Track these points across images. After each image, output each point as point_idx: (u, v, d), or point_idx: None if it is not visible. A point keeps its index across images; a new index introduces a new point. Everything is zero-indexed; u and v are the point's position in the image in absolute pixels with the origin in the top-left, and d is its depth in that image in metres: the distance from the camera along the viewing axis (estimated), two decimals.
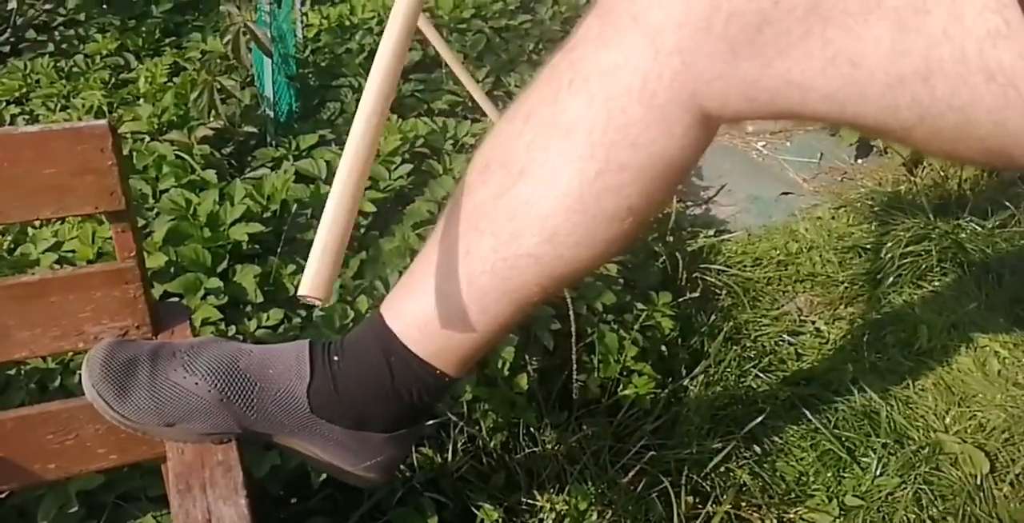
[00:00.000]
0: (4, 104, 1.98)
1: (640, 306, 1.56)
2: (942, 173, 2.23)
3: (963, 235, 1.98)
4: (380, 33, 2.27)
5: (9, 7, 2.29)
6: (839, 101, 0.53)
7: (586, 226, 0.63)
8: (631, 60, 0.58)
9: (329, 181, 1.60)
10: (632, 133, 0.59)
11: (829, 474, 1.46)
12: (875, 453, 1.49)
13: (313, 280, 0.58)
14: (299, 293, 0.58)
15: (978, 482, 1.42)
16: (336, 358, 0.74)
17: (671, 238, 1.89)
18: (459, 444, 1.28)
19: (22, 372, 1.14)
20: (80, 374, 0.76)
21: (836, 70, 0.52)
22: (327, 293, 0.59)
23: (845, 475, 1.46)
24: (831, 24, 0.51)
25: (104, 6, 2.41)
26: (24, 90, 2.01)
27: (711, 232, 2.07)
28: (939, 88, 0.49)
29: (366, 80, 0.65)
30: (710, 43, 0.55)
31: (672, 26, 0.56)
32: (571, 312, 1.36)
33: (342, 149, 0.65)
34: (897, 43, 0.49)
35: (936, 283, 1.90)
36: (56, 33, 2.30)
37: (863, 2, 0.49)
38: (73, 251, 1.34)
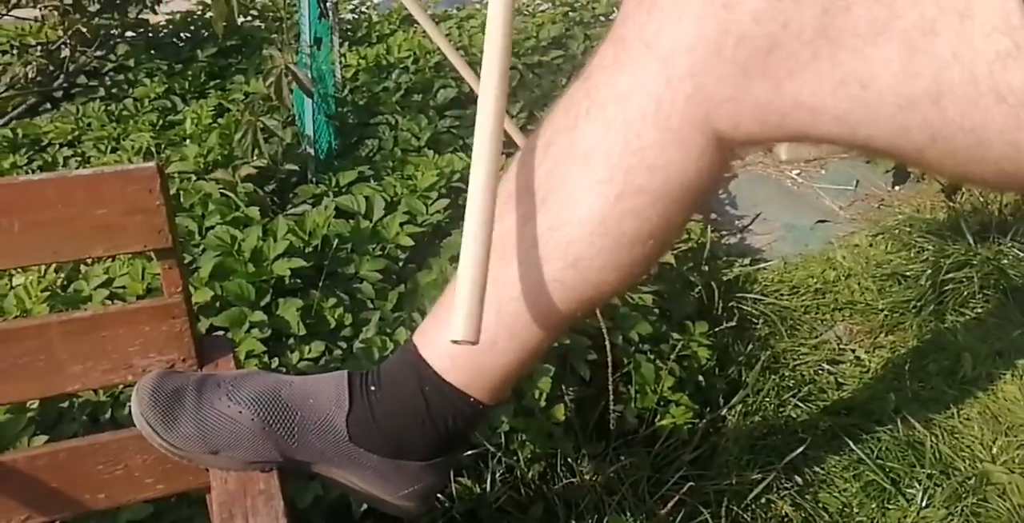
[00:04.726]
0: (58, 147, 2.06)
1: (676, 336, 1.55)
2: (982, 199, 2.20)
3: (1005, 261, 1.95)
4: (416, 72, 2.33)
5: (62, 55, 2.39)
6: (850, 123, 0.53)
7: (609, 250, 0.64)
8: (644, 84, 0.59)
9: (368, 217, 1.63)
10: (648, 156, 0.60)
11: (873, 505, 1.44)
12: (920, 484, 1.46)
13: (465, 324, 0.57)
14: (452, 338, 0.57)
15: None
16: (373, 388, 0.76)
17: (706, 267, 1.89)
18: (497, 475, 1.28)
19: (75, 405, 1.17)
20: (129, 405, 0.79)
21: (846, 92, 0.52)
22: (479, 335, 0.58)
23: (890, 507, 1.44)
24: (840, 46, 0.51)
25: (152, 52, 2.51)
26: (76, 133, 2.09)
27: (747, 261, 2.06)
28: (950, 110, 0.49)
29: (404, 117, 0.65)
30: (721, 66, 0.55)
31: (683, 50, 0.57)
32: (607, 342, 1.37)
33: (380, 185, 0.64)
34: (906, 64, 0.49)
35: (979, 310, 1.87)
36: (106, 78, 2.40)
37: (872, 24, 0.50)
38: (124, 287, 1.39)
